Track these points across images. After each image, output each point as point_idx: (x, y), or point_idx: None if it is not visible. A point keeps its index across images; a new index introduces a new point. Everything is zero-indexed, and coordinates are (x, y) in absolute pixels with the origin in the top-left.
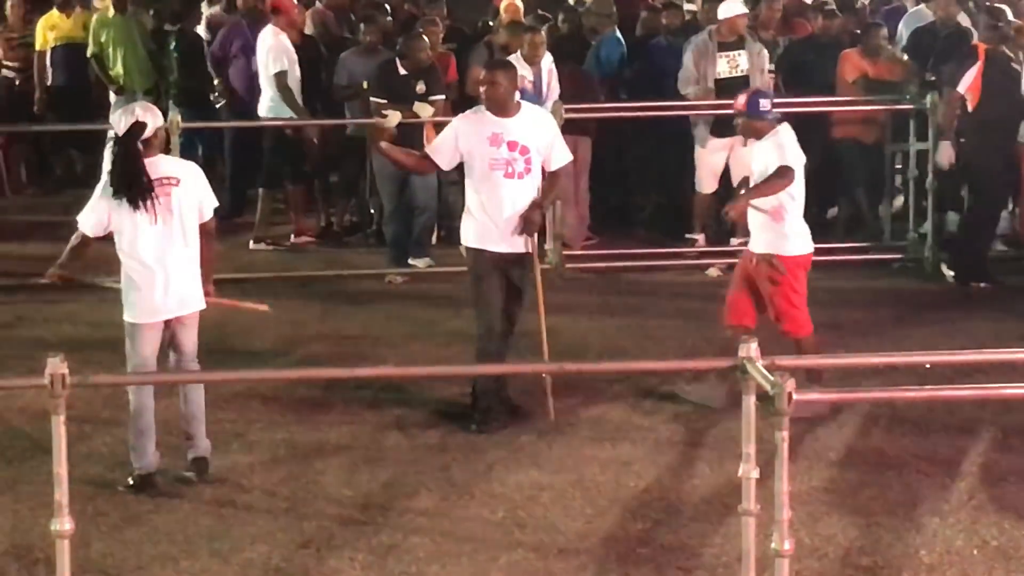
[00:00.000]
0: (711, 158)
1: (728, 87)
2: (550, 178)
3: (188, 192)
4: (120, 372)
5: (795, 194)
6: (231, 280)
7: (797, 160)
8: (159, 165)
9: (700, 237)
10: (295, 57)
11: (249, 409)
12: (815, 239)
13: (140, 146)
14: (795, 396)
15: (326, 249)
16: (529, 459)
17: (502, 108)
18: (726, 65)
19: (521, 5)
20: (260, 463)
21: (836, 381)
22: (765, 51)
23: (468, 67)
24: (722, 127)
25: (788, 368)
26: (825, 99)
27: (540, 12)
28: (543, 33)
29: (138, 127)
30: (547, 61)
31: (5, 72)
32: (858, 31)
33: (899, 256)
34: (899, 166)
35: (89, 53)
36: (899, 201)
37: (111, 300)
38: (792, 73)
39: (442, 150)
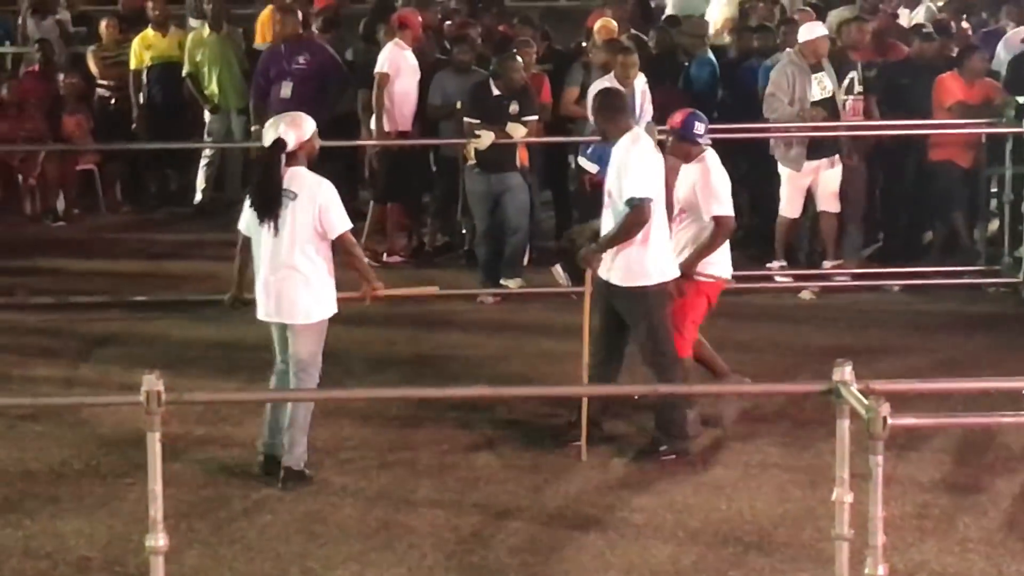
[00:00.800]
0: (802, 181)
1: (821, 108)
2: None
3: (305, 208)
4: (214, 390)
5: None
6: None
7: (724, 186)
8: (290, 178)
9: (778, 264)
10: (411, 69)
11: (341, 428)
12: (910, 262)
13: (282, 159)
14: (890, 421)
15: (418, 268)
16: (620, 481)
17: (603, 137)
18: (816, 87)
19: (615, 26)
20: (352, 482)
21: (931, 406)
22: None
23: (564, 88)
24: (811, 150)
25: (883, 392)
26: (919, 122)
27: (634, 32)
28: (636, 55)
29: (279, 143)
30: (640, 82)
31: (100, 91)
32: (954, 54)
33: (994, 280)
34: (995, 189)
35: (184, 72)
36: (994, 225)
37: (204, 318)
38: (887, 95)
39: None
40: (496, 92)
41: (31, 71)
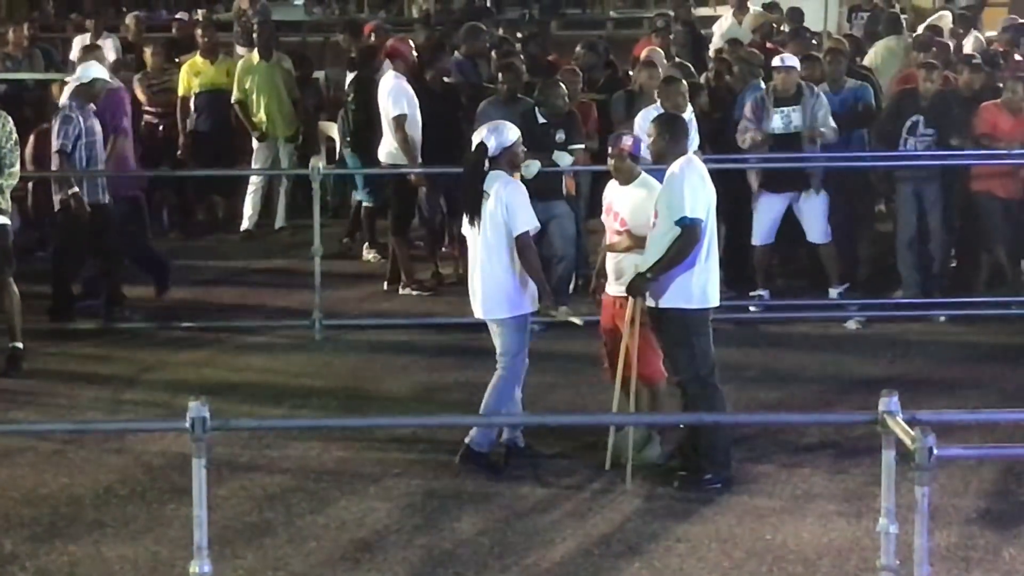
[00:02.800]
0: (762, 210)
1: (780, 143)
2: None
3: (494, 207)
4: (259, 417)
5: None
6: (367, 327)
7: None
8: (488, 180)
9: (764, 293)
10: (416, 101)
11: (387, 455)
12: (960, 293)
13: (486, 162)
14: (936, 452)
15: (464, 296)
16: (665, 510)
17: (658, 160)
18: (780, 121)
19: (661, 54)
20: (397, 509)
21: (977, 437)
22: (825, 107)
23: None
24: (776, 182)
25: (929, 423)
26: (954, 152)
27: (680, 61)
28: (683, 83)
29: (480, 148)
30: (688, 111)
31: (148, 118)
32: (1001, 84)
33: None
34: None
35: (233, 99)
36: None
37: (251, 345)
38: (937, 126)
39: None
40: (541, 120)
41: None
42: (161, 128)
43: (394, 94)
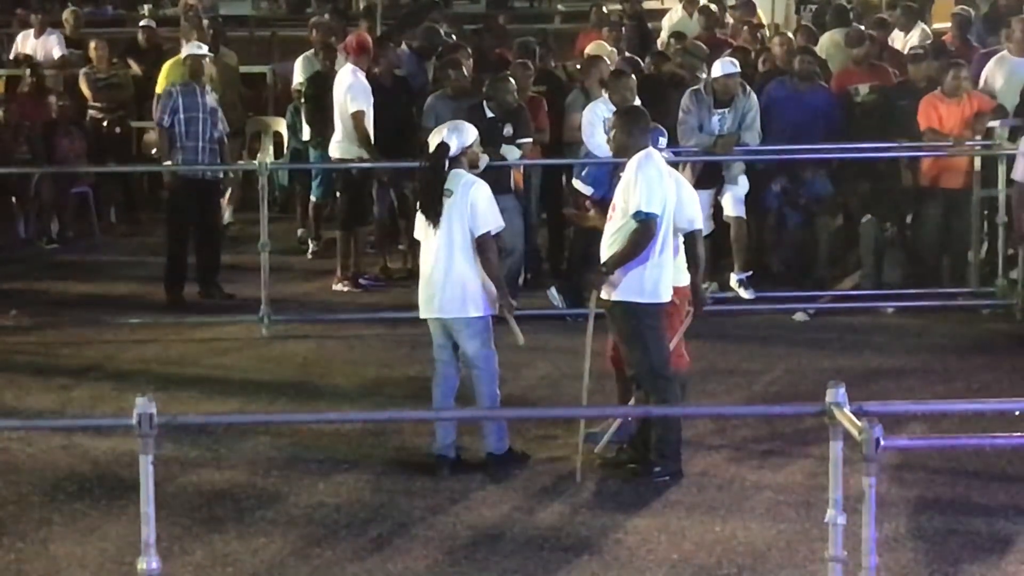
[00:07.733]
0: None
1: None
2: None
3: (456, 206)
4: (208, 413)
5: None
6: (316, 321)
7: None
8: (450, 178)
9: (713, 285)
10: (371, 99)
11: (335, 450)
12: (908, 285)
13: (446, 162)
14: (883, 442)
15: (413, 291)
16: (614, 502)
17: (619, 153)
18: (717, 124)
19: (609, 49)
20: (346, 504)
21: (924, 427)
22: (754, 110)
23: (565, 113)
24: (706, 180)
25: (876, 414)
26: (891, 144)
27: (628, 55)
28: (632, 78)
29: (442, 147)
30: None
31: (92, 113)
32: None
33: (988, 302)
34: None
35: None
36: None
37: (199, 340)
38: (888, 119)
39: None
40: (490, 114)
41: (23, 93)
42: (106, 124)
43: (353, 90)
